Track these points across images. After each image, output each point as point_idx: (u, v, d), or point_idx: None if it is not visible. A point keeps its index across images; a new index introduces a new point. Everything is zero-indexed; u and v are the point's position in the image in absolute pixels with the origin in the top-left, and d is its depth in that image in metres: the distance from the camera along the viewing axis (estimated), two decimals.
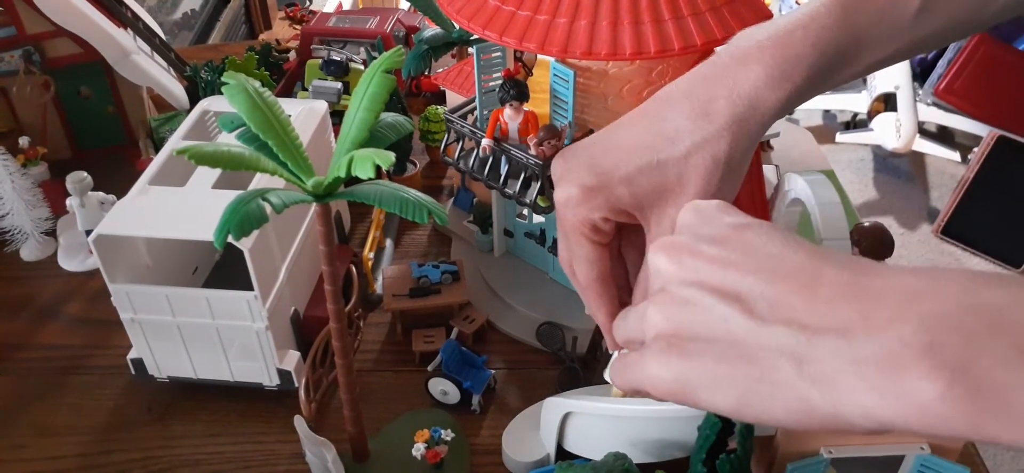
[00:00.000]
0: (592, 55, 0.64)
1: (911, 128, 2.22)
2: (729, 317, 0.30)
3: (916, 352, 0.26)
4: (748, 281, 0.31)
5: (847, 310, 0.28)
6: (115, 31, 1.05)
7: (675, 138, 0.40)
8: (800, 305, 0.29)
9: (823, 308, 0.29)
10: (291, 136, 0.53)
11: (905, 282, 0.28)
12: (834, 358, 0.28)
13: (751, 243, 0.32)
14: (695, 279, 0.32)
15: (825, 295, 0.29)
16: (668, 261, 0.33)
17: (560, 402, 0.67)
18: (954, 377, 0.25)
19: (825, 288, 0.29)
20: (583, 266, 0.42)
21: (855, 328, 0.28)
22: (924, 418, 0.26)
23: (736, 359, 0.30)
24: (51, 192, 0.99)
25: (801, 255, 0.31)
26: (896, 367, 0.26)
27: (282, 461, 0.74)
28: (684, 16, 0.64)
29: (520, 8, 0.66)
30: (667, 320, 0.32)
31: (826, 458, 0.61)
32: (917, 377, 0.26)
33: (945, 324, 0.26)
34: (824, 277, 0.30)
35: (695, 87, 0.42)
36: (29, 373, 0.84)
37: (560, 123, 0.71)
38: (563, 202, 0.42)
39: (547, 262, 0.90)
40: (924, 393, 0.26)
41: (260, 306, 0.71)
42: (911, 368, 0.26)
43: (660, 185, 0.40)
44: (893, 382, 0.26)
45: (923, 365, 0.26)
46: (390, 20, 1.22)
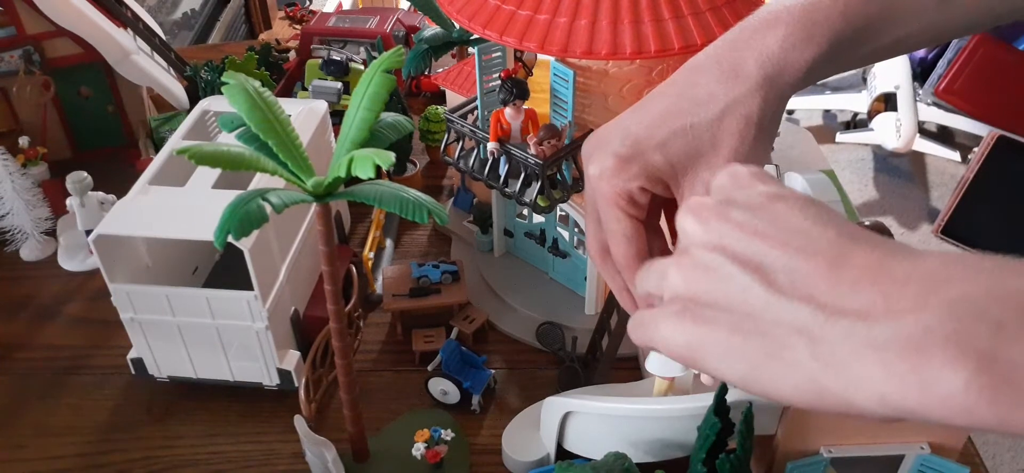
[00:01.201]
0: (592, 54, 0.64)
1: (911, 128, 2.22)
2: (748, 287, 0.30)
3: (940, 339, 0.25)
4: (772, 253, 0.30)
5: (869, 292, 0.27)
6: (115, 31, 1.05)
7: (707, 101, 0.40)
8: (822, 284, 0.28)
9: (845, 289, 0.28)
10: (291, 136, 0.53)
11: (932, 266, 0.27)
12: (851, 341, 0.27)
13: (781, 214, 0.31)
14: (719, 244, 0.31)
15: (849, 276, 0.28)
16: (694, 222, 0.33)
17: (560, 402, 0.67)
18: (980, 366, 0.24)
19: (850, 269, 0.28)
20: (620, 243, 0.40)
21: (876, 311, 0.27)
22: (946, 408, 0.25)
23: (750, 331, 0.29)
24: (51, 192, 0.99)
25: (831, 232, 0.30)
26: (918, 354, 0.25)
27: (282, 461, 0.74)
28: (684, 15, 0.64)
29: (520, 7, 0.66)
30: (686, 283, 0.32)
31: (826, 457, 0.61)
32: (940, 365, 0.25)
33: (972, 311, 0.25)
34: (851, 257, 0.29)
35: (723, 52, 0.41)
36: (29, 373, 0.84)
37: (560, 123, 0.71)
38: (597, 175, 0.41)
39: (547, 262, 0.90)
40: (948, 382, 0.25)
41: (260, 306, 0.71)
42: (934, 356, 0.25)
43: (694, 149, 0.40)
44: (914, 369, 0.26)
45: (948, 353, 0.25)
46: (390, 20, 1.22)
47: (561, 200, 0.73)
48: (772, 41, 0.40)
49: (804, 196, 0.32)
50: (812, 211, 0.31)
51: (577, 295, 0.87)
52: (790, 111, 2.63)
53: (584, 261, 0.83)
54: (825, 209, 0.31)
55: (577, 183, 0.73)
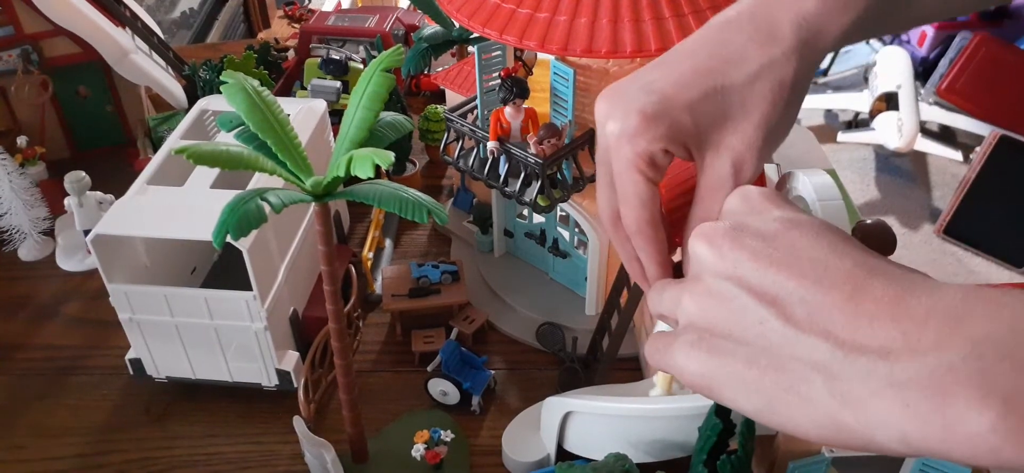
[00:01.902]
0: (592, 53, 0.63)
1: (913, 127, 2.22)
2: (765, 320, 0.29)
3: (964, 379, 0.24)
4: (789, 285, 0.29)
5: (889, 329, 0.27)
6: (113, 30, 1.05)
7: (739, 62, 0.37)
8: (840, 318, 0.28)
9: (864, 324, 0.27)
10: (290, 135, 0.53)
11: (952, 302, 0.26)
12: (870, 379, 0.26)
13: (797, 244, 0.30)
14: (734, 274, 0.30)
15: (867, 310, 0.27)
16: (708, 249, 0.32)
17: (560, 402, 0.67)
18: (1007, 408, 0.24)
19: (868, 303, 0.28)
20: (635, 208, 0.38)
21: (896, 349, 0.26)
22: (972, 449, 0.25)
23: (767, 365, 0.29)
24: (49, 192, 0.98)
25: (848, 263, 0.29)
26: (941, 394, 0.25)
27: (281, 462, 0.74)
28: (684, 13, 0.64)
29: (520, 6, 0.66)
30: (701, 312, 0.31)
31: (827, 457, 0.61)
32: (965, 406, 0.24)
33: (996, 349, 0.25)
34: (869, 290, 0.28)
35: (758, 9, 0.39)
36: (27, 373, 0.84)
37: (560, 122, 0.70)
38: (617, 134, 0.37)
39: (547, 262, 0.89)
40: (973, 423, 0.24)
41: (259, 306, 0.70)
42: (958, 396, 0.24)
43: (723, 112, 0.37)
44: (937, 410, 0.25)
45: (973, 393, 0.24)
46: (389, 18, 1.21)
47: (561, 200, 0.73)
48: (810, 3, 0.38)
49: (819, 222, 0.31)
50: (828, 240, 0.30)
51: (577, 295, 0.87)
52: None
53: (584, 261, 0.82)
54: (841, 237, 0.31)
55: (577, 183, 0.73)
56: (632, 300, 0.70)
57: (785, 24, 0.38)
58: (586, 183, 0.74)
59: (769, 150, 0.38)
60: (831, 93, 2.65)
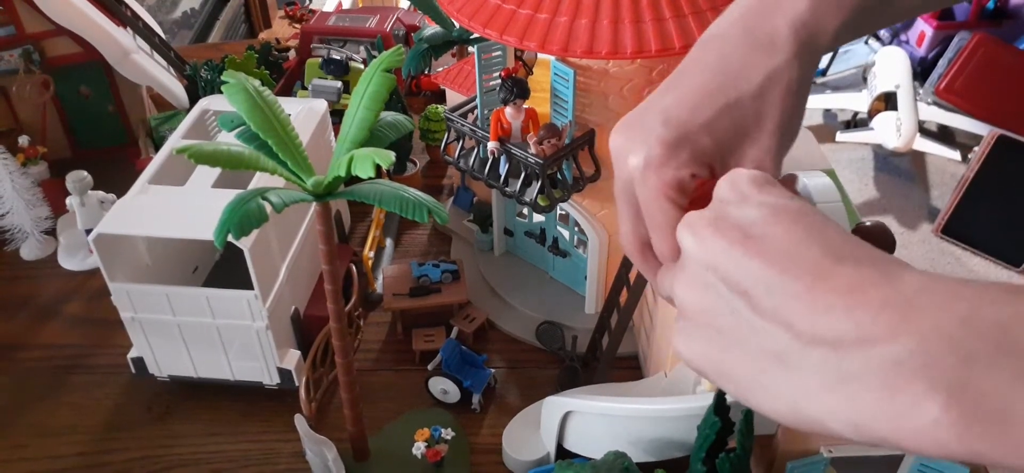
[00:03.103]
0: (593, 54, 0.64)
1: (911, 127, 2.22)
2: (737, 310, 0.30)
3: (910, 372, 0.25)
4: (760, 274, 0.29)
5: (843, 320, 0.27)
6: (115, 30, 1.05)
7: (746, 75, 0.38)
8: (799, 308, 0.28)
9: (820, 316, 0.28)
10: (291, 135, 0.53)
11: (909, 292, 0.27)
12: (823, 372, 0.27)
13: (771, 232, 0.30)
14: (712, 263, 0.31)
15: (826, 301, 0.28)
16: (691, 237, 0.32)
17: (560, 401, 0.67)
18: (950, 400, 0.24)
19: (828, 293, 0.28)
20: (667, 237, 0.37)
21: (848, 341, 0.27)
22: (918, 440, 0.25)
23: (740, 353, 0.30)
24: (51, 191, 0.99)
25: (816, 251, 0.29)
26: (888, 386, 0.25)
27: (282, 460, 0.74)
28: (685, 14, 0.64)
29: (521, 6, 0.66)
30: (688, 299, 0.32)
31: (826, 457, 0.61)
32: (911, 398, 0.25)
33: (944, 342, 0.25)
34: (831, 279, 0.28)
35: (751, 20, 0.39)
36: (29, 372, 0.84)
37: (561, 122, 0.71)
38: (642, 165, 0.37)
39: (547, 262, 0.90)
40: (918, 415, 0.25)
41: (260, 305, 0.71)
42: (904, 388, 0.25)
43: (740, 126, 0.38)
44: (884, 401, 0.25)
45: (917, 386, 0.25)
46: (390, 19, 1.22)
47: (561, 199, 0.73)
48: (802, 6, 0.38)
49: (800, 208, 0.31)
50: (803, 226, 0.30)
51: (577, 295, 0.87)
52: None
53: (584, 260, 0.83)
54: (819, 223, 0.30)
55: (577, 182, 0.73)
56: (632, 299, 0.71)
57: (782, 31, 0.38)
58: (586, 183, 0.74)
59: (785, 151, 0.39)
60: (830, 93, 2.65)
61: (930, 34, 2.52)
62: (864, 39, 2.78)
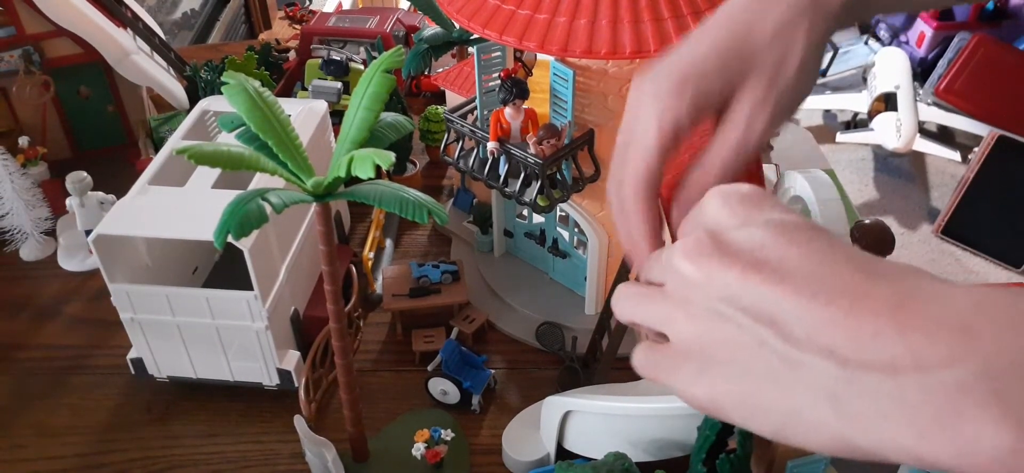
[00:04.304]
0: (592, 54, 0.64)
1: (911, 128, 2.22)
2: (764, 342, 0.28)
3: (978, 398, 0.23)
4: (785, 302, 0.27)
5: (895, 343, 0.25)
6: (115, 31, 1.05)
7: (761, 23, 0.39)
8: (841, 334, 0.26)
9: (867, 339, 0.26)
10: (291, 136, 0.53)
11: (963, 310, 0.25)
12: (877, 399, 0.25)
13: (788, 254, 0.28)
14: (725, 295, 0.29)
15: (870, 323, 0.26)
16: (694, 269, 0.30)
17: (560, 401, 0.67)
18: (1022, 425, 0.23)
19: (870, 315, 0.26)
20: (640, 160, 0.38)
21: (904, 365, 0.25)
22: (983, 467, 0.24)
23: (772, 389, 0.28)
24: (51, 192, 0.99)
25: (847, 269, 0.27)
26: (953, 414, 0.24)
27: (282, 461, 0.74)
28: (684, 15, 0.64)
29: (520, 7, 0.66)
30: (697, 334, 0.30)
31: (826, 456, 0.61)
32: (981, 427, 0.23)
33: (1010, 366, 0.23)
34: (870, 300, 0.26)
35: None
36: (29, 373, 0.84)
37: (560, 122, 0.71)
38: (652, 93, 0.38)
39: (547, 262, 0.90)
40: (988, 445, 0.23)
41: (260, 306, 0.71)
42: (972, 416, 0.23)
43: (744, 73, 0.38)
44: (949, 430, 0.24)
45: (988, 414, 0.23)
46: (390, 19, 1.22)
47: (561, 200, 0.73)
48: None
49: (809, 225, 0.30)
50: (821, 246, 0.28)
51: (577, 295, 0.87)
52: None
53: (584, 261, 0.83)
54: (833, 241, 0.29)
55: (577, 183, 0.73)
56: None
57: None
58: (586, 183, 0.74)
59: (780, 113, 0.39)
60: (830, 94, 2.65)
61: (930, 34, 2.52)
62: (864, 39, 2.78)
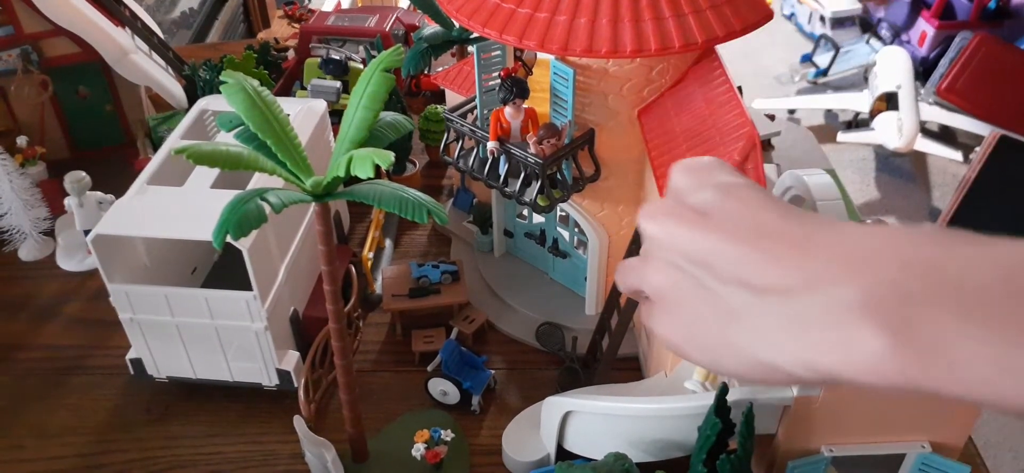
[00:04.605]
0: (592, 53, 0.63)
1: (913, 127, 2.22)
2: (700, 281, 0.32)
3: (857, 311, 0.27)
4: (718, 246, 0.32)
5: (793, 269, 0.30)
6: (113, 30, 1.05)
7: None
8: (753, 266, 0.31)
9: (772, 268, 0.30)
10: (290, 135, 0.53)
11: (853, 239, 0.29)
12: (778, 317, 0.30)
13: (727, 208, 0.33)
14: (674, 245, 0.34)
15: (776, 254, 0.30)
16: (653, 226, 0.35)
17: (560, 401, 0.67)
18: (891, 334, 0.26)
19: (778, 247, 0.30)
20: None
21: (798, 288, 0.29)
22: (865, 373, 0.27)
23: (706, 320, 0.32)
24: (49, 192, 0.98)
25: (770, 217, 0.32)
26: (837, 325, 0.28)
27: (281, 461, 0.74)
28: (685, 13, 0.64)
29: (520, 6, 0.66)
30: (660, 284, 0.35)
31: (827, 456, 0.61)
32: (855, 333, 0.27)
33: (884, 282, 0.27)
34: (781, 237, 0.31)
35: None
36: (28, 373, 0.84)
37: (560, 122, 0.70)
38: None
39: (547, 262, 0.89)
40: (865, 350, 0.27)
41: (259, 306, 0.70)
42: (852, 326, 0.27)
43: None
44: (834, 339, 0.28)
45: (864, 324, 0.27)
46: (389, 18, 1.22)
47: (561, 200, 0.73)
48: None
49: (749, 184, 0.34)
50: (754, 199, 0.33)
51: (577, 295, 0.87)
52: (792, 110, 2.63)
53: (584, 261, 0.83)
54: (764, 195, 0.33)
55: (577, 183, 0.73)
56: (631, 300, 0.70)
57: None
58: (586, 183, 0.74)
59: None
60: (831, 93, 2.65)
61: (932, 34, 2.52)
62: (866, 39, 2.78)
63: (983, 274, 0.26)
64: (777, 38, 3.09)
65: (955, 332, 0.26)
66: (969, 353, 0.25)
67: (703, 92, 0.68)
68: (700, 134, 0.65)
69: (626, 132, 0.72)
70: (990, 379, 0.25)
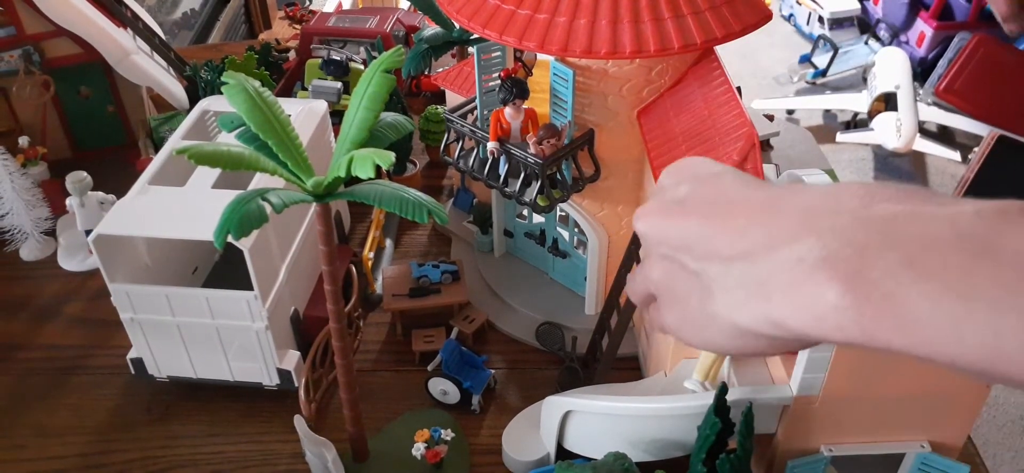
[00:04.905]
0: (592, 54, 0.63)
1: (912, 128, 2.22)
2: (684, 264, 0.34)
3: (812, 264, 0.28)
4: (693, 227, 0.34)
5: (754, 234, 0.31)
6: (115, 31, 1.05)
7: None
8: (723, 238, 0.32)
9: (737, 236, 0.31)
10: (291, 136, 0.53)
11: (811, 200, 0.30)
12: (744, 281, 0.31)
13: (702, 194, 0.35)
14: (663, 238, 0.35)
15: (739, 224, 0.31)
16: (641, 224, 0.37)
17: (560, 401, 0.67)
18: (847, 287, 0.27)
19: (744, 215, 0.32)
20: None
21: (758, 250, 0.30)
22: (822, 326, 0.28)
23: (692, 299, 0.34)
24: (51, 192, 0.99)
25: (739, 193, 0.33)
26: (795, 281, 0.28)
27: (282, 461, 0.74)
28: (684, 14, 0.64)
29: (520, 7, 0.66)
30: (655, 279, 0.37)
31: (826, 456, 0.61)
32: (813, 288, 0.28)
33: (840, 237, 0.28)
34: (746, 206, 0.32)
35: None
36: (29, 373, 0.84)
37: (560, 122, 0.71)
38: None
39: (547, 262, 0.90)
40: (821, 302, 0.27)
41: (260, 306, 0.71)
42: (808, 279, 0.28)
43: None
44: (793, 294, 0.29)
45: (819, 275, 0.28)
46: (390, 19, 1.22)
47: (561, 200, 0.73)
48: None
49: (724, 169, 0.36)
50: (728, 182, 0.34)
51: (577, 295, 0.87)
52: (790, 111, 2.63)
53: (584, 261, 0.83)
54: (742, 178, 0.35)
55: (577, 183, 0.73)
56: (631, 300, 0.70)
57: None
58: (585, 183, 0.74)
59: None
60: (830, 94, 2.65)
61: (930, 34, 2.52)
62: (864, 39, 2.78)
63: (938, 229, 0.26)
64: (776, 39, 3.09)
65: (908, 284, 0.26)
66: (921, 307, 0.26)
67: (702, 92, 0.68)
68: (699, 134, 0.65)
69: (626, 132, 0.72)
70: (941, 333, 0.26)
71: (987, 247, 0.25)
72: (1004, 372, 0.25)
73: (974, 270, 0.25)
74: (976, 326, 0.25)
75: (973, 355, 0.25)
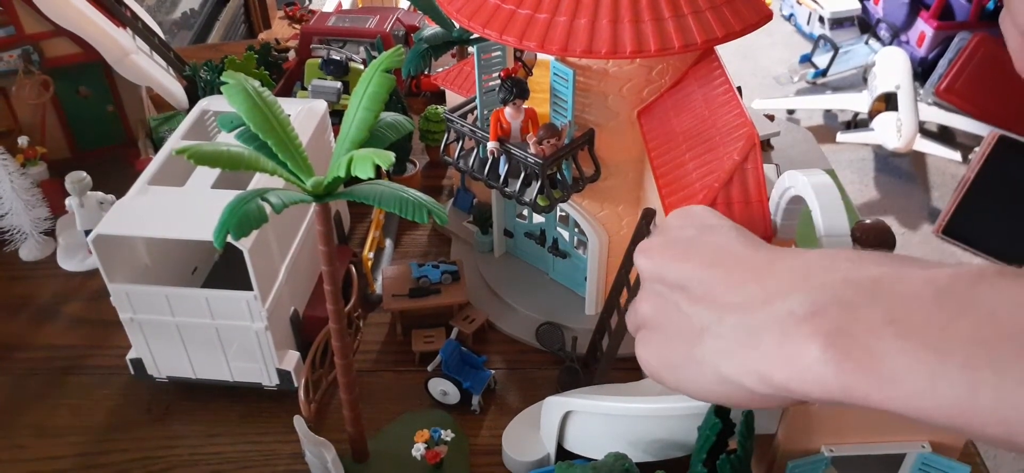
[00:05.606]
0: (592, 54, 0.63)
1: (912, 128, 2.22)
2: (677, 304, 0.35)
3: (799, 319, 0.29)
4: (694, 272, 0.35)
5: (753, 287, 0.32)
6: (114, 30, 1.05)
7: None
8: (721, 286, 0.33)
9: (735, 288, 0.33)
10: (290, 136, 0.53)
11: (808, 260, 0.32)
12: (735, 331, 0.32)
13: (706, 241, 0.36)
14: (659, 274, 0.37)
15: (738, 277, 0.33)
16: (643, 259, 0.38)
17: (560, 401, 0.67)
18: (830, 341, 0.28)
19: (744, 271, 0.33)
20: None
21: (754, 303, 0.31)
22: (805, 380, 0.29)
23: (678, 340, 0.35)
24: (50, 192, 0.98)
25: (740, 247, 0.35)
26: (783, 333, 0.30)
27: (282, 461, 0.74)
28: (684, 14, 0.64)
29: (520, 6, 0.66)
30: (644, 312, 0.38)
31: (827, 456, 0.61)
32: (800, 341, 0.29)
33: (829, 293, 0.29)
34: (748, 262, 0.33)
35: None
36: (29, 373, 0.84)
37: (560, 122, 0.71)
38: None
39: (547, 262, 0.90)
40: (805, 356, 0.29)
41: (259, 306, 0.71)
42: (794, 332, 0.29)
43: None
44: (781, 347, 0.30)
45: (804, 329, 0.29)
46: (390, 19, 1.22)
47: (561, 200, 0.73)
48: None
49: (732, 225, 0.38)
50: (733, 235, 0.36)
51: (577, 295, 0.87)
52: (791, 111, 2.63)
53: (584, 261, 0.83)
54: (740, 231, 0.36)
55: (577, 183, 0.73)
56: (632, 300, 0.70)
57: None
58: (586, 183, 0.74)
59: None
60: (830, 94, 2.65)
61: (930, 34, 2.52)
62: (865, 39, 2.78)
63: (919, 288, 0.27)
64: (776, 38, 3.10)
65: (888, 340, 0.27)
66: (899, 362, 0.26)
67: (703, 92, 0.68)
68: (700, 134, 0.65)
69: (626, 132, 0.72)
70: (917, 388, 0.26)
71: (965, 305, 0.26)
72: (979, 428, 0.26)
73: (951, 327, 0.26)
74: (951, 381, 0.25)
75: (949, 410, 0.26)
